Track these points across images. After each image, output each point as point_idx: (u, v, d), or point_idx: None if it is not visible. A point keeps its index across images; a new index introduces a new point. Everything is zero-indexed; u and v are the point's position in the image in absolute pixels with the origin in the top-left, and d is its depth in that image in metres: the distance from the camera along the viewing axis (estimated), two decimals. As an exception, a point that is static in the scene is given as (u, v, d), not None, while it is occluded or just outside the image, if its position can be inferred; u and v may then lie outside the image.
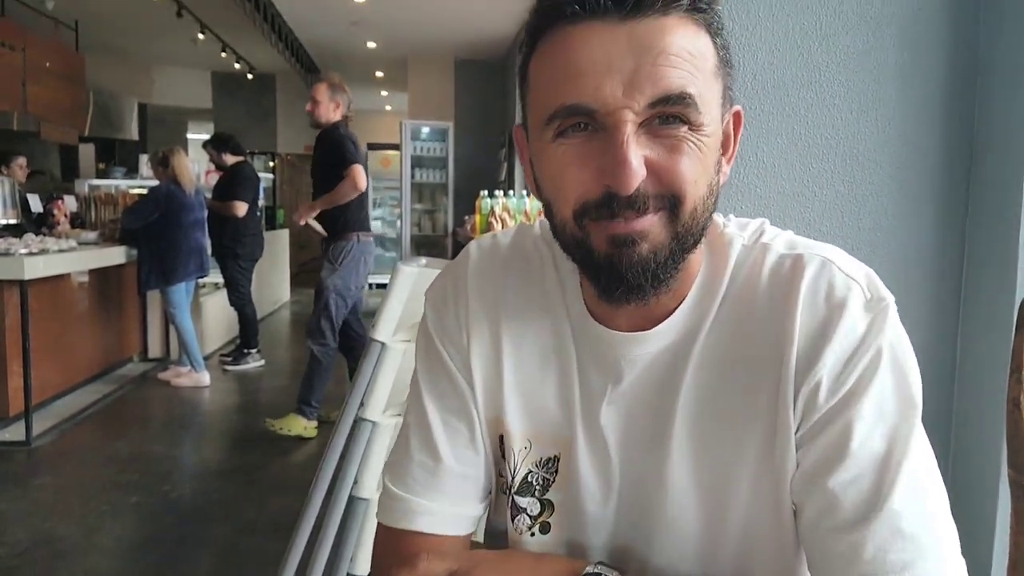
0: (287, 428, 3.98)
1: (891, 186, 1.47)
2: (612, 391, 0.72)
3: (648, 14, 0.59)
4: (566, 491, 0.75)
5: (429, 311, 0.80)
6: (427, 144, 7.92)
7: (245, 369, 5.63)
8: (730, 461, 0.69)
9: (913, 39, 1.44)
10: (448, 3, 6.02)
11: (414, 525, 0.75)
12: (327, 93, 3.89)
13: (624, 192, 0.59)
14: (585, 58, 0.60)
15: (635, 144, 0.59)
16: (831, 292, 0.66)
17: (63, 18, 7.49)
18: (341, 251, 3.99)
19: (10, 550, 2.66)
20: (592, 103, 0.60)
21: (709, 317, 0.70)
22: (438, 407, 0.77)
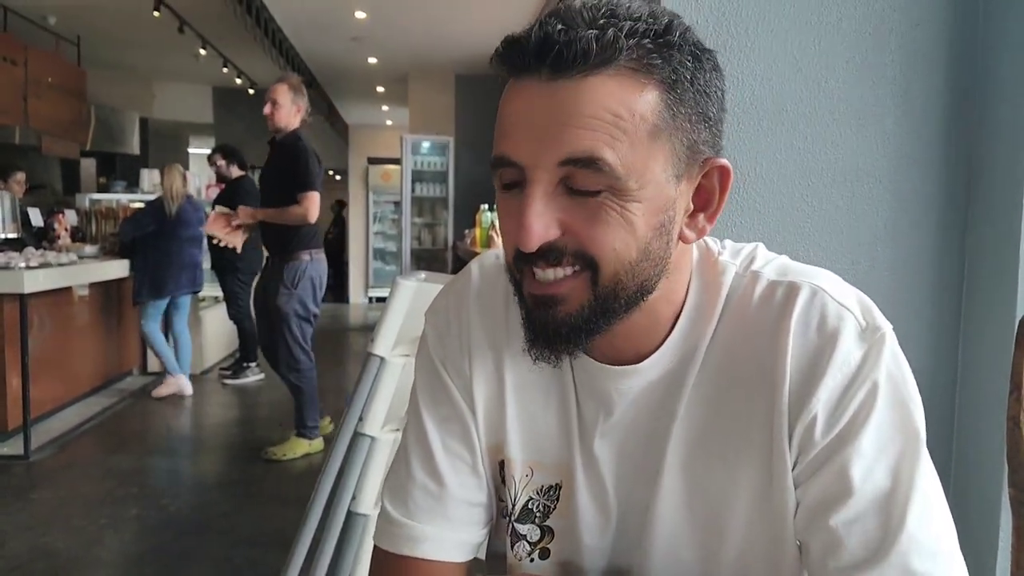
0: (292, 452, 3.88)
1: (890, 201, 1.47)
2: (604, 423, 0.71)
3: (571, 74, 0.58)
4: (566, 519, 0.74)
5: (430, 332, 0.79)
6: (427, 158, 7.94)
7: (244, 383, 5.62)
8: (723, 495, 0.68)
9: (912, 54, 1.45)
10: (448, 19, 6.06)
11: (417, 552, 0.74)
12: (289, 95, 3.65)
13: (525, 249, 0.60)
14: (512, 113, 0.61)
15: (543, 204, 0.59)
16: (823, 322, 0.64)
17: (65, 33, 7.52)
18: (295, 273, 3.74)
19: (8, 563, 2.64)
20: (512, 157, 0.60)
21: (701, 349, 0.69)
22: (440, 432, 0.76)
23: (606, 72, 0.58)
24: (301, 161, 3.59)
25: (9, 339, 3.84)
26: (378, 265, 11.20)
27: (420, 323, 1.46)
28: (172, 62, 9.00)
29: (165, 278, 4.94)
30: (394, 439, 1.45)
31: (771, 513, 0.66)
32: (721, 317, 0.69)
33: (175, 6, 6.57)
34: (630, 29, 0.58)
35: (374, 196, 11.19)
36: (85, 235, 5.86)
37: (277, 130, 3.65)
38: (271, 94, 3.64)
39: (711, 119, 0.62)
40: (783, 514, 0.66)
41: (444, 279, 1.53)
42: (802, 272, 0.69)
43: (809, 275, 0.68)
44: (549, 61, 0.58)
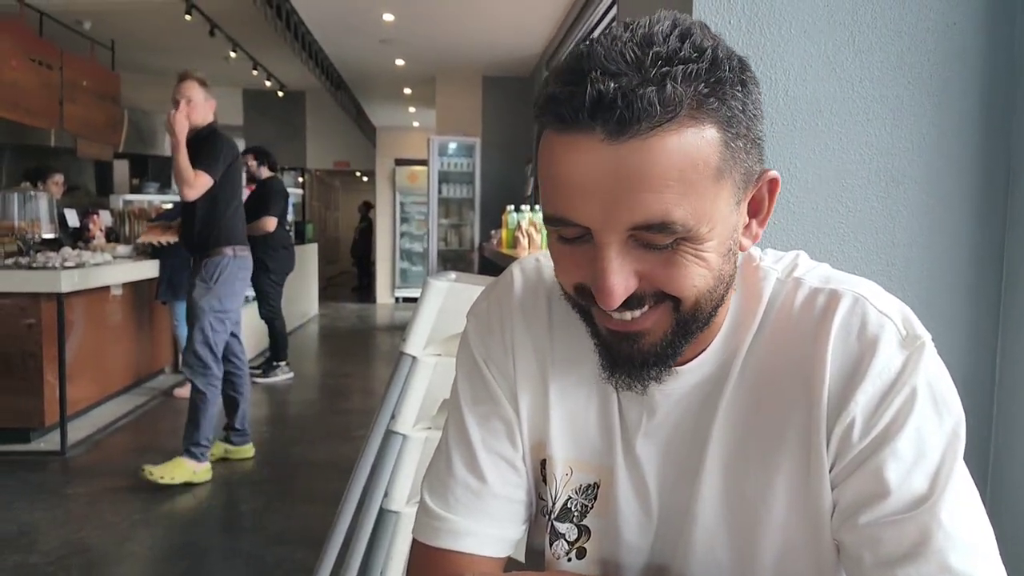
0: (170, 476, 3.43)
1: (926, 202, 1.46)
2: (648, 423, 0.72)
3: (633, 135, 0.55)
4: (604, 518, 0.75)
5: (472, 332, 0.80)
6: (454, 159, 7.97)
7: (275, 382, 5.68)
8: (760, 496, 0.68)
9: (948, 52, 1.43)
10: (475, 21, 6.08)
11: (457, 546, 0.75)
12: (201, 92, 3.53)
13: (608, 309, 0.61)
14: (566, 174, 0.58)
15: (619, 263, 0.59)
16: (863, 329, 0.65)
17: (100, 38, 7.66)
18: (215, 268, 3.55)
19: (45, 558, 2.70)
20: (574, 220, 0.59)
21: (742, 353, 0.70)
22: (482, 429, 0.77)
23: (668, 128, 0.55)
24: (208, 146, 3.47)
25: (47, 337, 3.92)
26: (405, 266, 11.27)
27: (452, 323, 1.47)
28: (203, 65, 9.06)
29: (183, 279, 4.99)
30: (426, 437, 1.46)
31: (809, 514, 0.67)
32: (762, 322, 0.70)
33: (206, 10, 6.67)
34: (684, 74, 0.55)
35: (401, 197, 11.26)
36: (119, 235, 5.96)
37: (193, 126, 3.47)
38: (183, 91, 3.48)
39: (760, 138, 0.63)
40: (820, 516, 0.66)
41: (475, 279, 1.54)
42: (844, 280, 0.70)
43: (851, 283, 0.69)
44: (608, 123, 0.55)
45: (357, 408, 5.17)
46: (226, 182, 3.56)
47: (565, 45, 6.10)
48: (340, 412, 5.08)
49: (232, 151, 3.58)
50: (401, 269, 11.25)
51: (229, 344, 3.74)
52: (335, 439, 4.30)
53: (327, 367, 6.36)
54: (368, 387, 5.84)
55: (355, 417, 4.83)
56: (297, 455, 4.03)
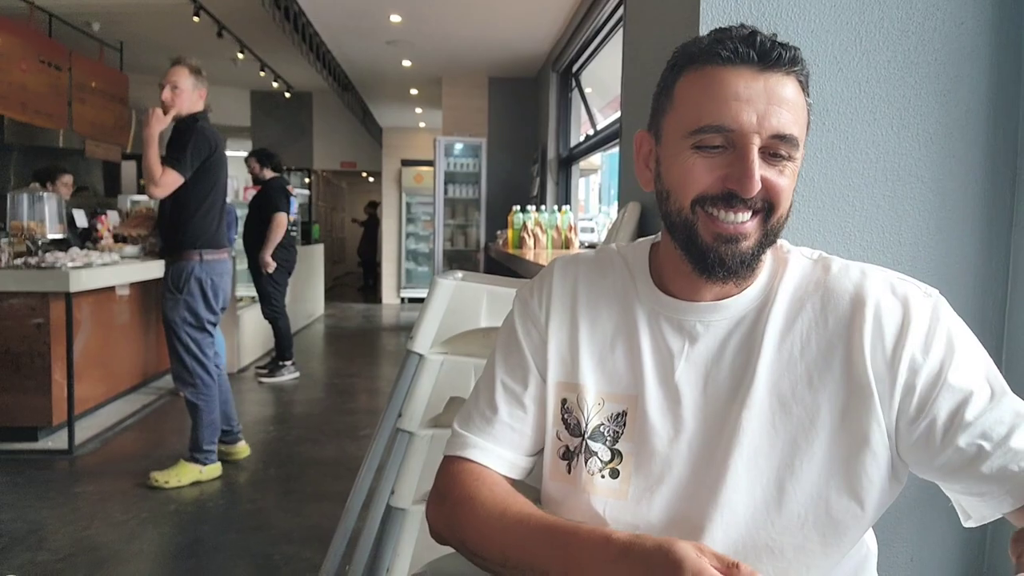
0: (177, 479, 3.43)
1: (933, 200, 1.46)
2: (689, 349, 0.89)
3: (778, 71, 0.80)
4: (633, 440, 0.89)
5: (517, 301, 1.01)
6: (460, 160, 7.98)
7: (280, 381, 5.70)
8: (808, 415, 0.82)
9: (955, 52, 1.43)
10: (482, 23, 6.09)
11: (468, 454, 0.94)
12: (190, 79, 3.34)
13: (747, 195, 0.80)
14: (731, 92, 0.80)
15: (757, 163, 0.80)
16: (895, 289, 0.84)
17: (108, 39, 7.70)
18: (180, 275, 3.36)
19: (53, 556, 2.71)
20: (732, 124, 0.80)
21: (775, 297, 0.87)
22: (503, 375, 0.97)
23: (793, 74, 0.82)
24: (180, 136, 3.28)
25: (55, 337, 3.94)
26: (411, 266, 11.28)
27: (458, 321, 1.48)
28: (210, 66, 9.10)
29: None
30: (432, 434, 1.47)
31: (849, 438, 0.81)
32: (795, 275, 0.89)
33: (214, 11, 6.70)
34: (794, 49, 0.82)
35: (407, 198, 11.27)
36: (126, 236, 5.99)
37: (179, 116, 3.32)
38: (170, 77, 3.30)
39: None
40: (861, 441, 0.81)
41: (481, 278, 1.55)
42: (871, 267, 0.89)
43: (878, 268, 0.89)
44: (766, 59, 0.80)
45: (363, 407, 5.18)
46: (199, 180, 3.31)
47: (571, 47, 6.10)
48: (347, 411, 5.09)
49: (209, 146, 3.32)
50: (407, 269, 11.26)
51: None
52: (342, 438, 4.31)
53: (333, 367, 6.37)
54: (374, 386, 5.85)
55: (362, 416, 4.84)
56: (304, 454, 4.04)
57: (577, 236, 4.93)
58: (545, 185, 6.90)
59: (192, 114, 3.35)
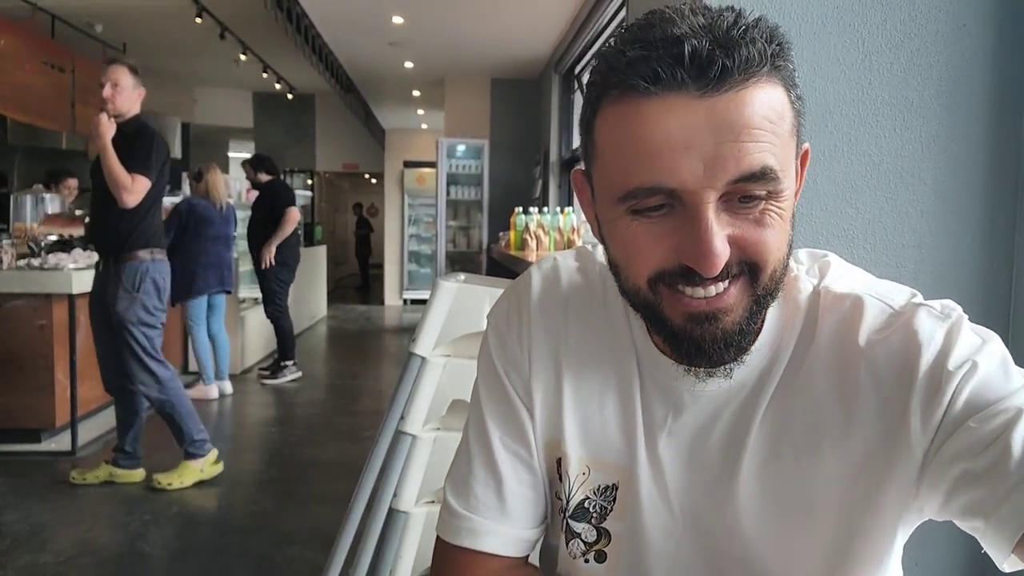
0: (179, 481, 3.43)
1: (935, 203, 1.46)
2: (673, 422, 0.72)
3: (729, 87, 0.56)
4: (626, 521, 0.74)
5: (492, 335, 0.81)
6: (462, 162, 7.99)
7: (282, 382, 5.70)
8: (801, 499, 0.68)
9: (958, 54, 1.43)
10: (484, 24, 6.09)
11: (477, 545, 0.76)
12: (131, 78, 3.25)
13: (708, 275, 0.59)
14: (662, 136, 0.57)
15: (717, 225, 0.58)
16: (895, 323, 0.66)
17: (111, 41, 7.71)
18: (134, 275, 3.29)
19: (55, 557, 2.72)
20: (670, 183, 0.58)
21: (782, 363, 0.69)
22: (500, 431, 0.78)
23: (756, 81, 0.57)
24: (139, 140, 3.21)
25: (58, 338, 3.95)
26: (413, 268, 11.29)
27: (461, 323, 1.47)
28: (213, 68, 9.18)
29: (194, 278, 5.01)
30: (435, 437, 1.47)
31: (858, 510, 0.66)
32: (802, 332, 0.70)
33: (216, 13, 6.71)
34: (761, 34, 0.58)
35: (409, 199, 11.28)
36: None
37: (118, 114, 3.23)
38: (110, 75, 3.21)
39: (803, 108, 0.64)
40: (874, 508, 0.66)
41: (483, 280, 1.55)
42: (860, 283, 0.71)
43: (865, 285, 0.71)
44: (705, 77, 0.56)
45: (366, 409, 5.19)
46: (154, 183, 3.29)
47: (573, 48, 6.11)
48: (349, 413, 5.09)
49: (166, 149, 3.34)
50: (409, 271, 11.26)
51: None
52: (344, 440, 4.31)
53: (336, 368, 6.38)
54: (377, 388, 5.85)
55: (364, 418, 4.84)
56: (306, 456, 4.04)
57: (581, 239, 4.93)
58: (547, 187, 6.90)
59: (136, 116, 3.29)
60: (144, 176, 3.19)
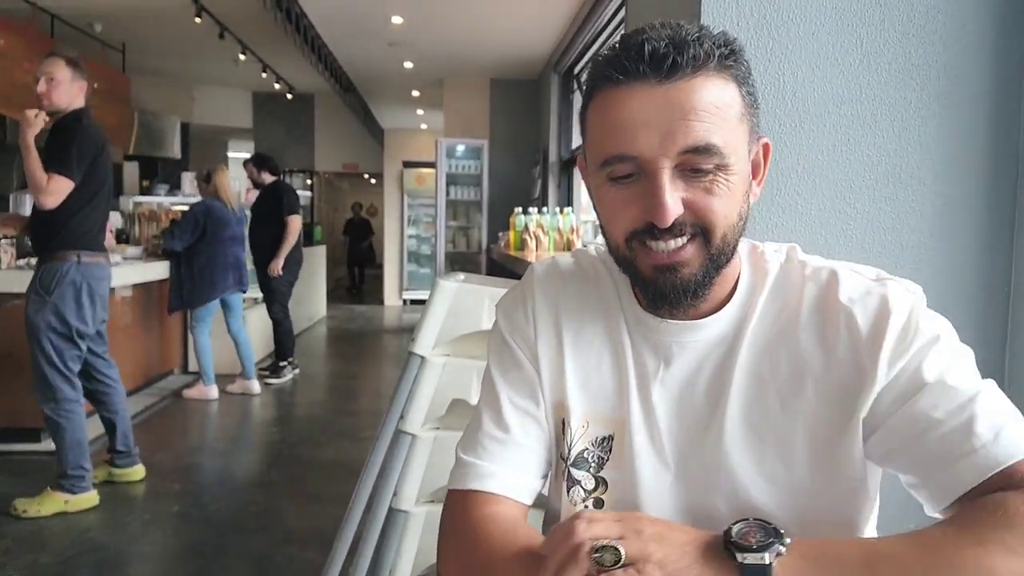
0: (35, 510, 3.05)
1: (935, 203, 1.46)
2: (664, 372, 0.83)
3: (680, 77, 0.72)
4: (619, 469, 0.83)
5: (501, 316, 0.93)
6: (462, 162, 7.99)
7: (284, 382, 5.73)
8: (783, 440, 0.78)
9: (957, 54, 1.43)
10: (483, 24, 6.10)
11: (483, 486, 0.83)
12: (68, 71, 3.03)
13: (662, 225, 0.73)
14: (626, 116, 0.73)
15: (671, 187, 0.73)
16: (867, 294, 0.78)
17: (110, 41, 7.72)
18: (52, 276, 3.01)
19: (56, 557, 2.72)
20: (632, 152, 0.73)
21: (754, 315, 0.81)
22: (508, 391, 0.88)
23: (705, 74, 0.73)
24: (63, 138, 2.97)
25: (57, 338, 3.94)
26: (412, 268, 11.29)
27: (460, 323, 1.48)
28: (212, 68, 9.18)
29: (212, 280, 5.00)
30: (434, 437, 1.47)
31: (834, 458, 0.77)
32: (772, 291, 0.82)
33: (216, 13, 6.72)
34: (711, 39, 0.74)
35: (409, 199, 11.28)
36: (129, 237, 6.00)
37: (55, 110, 3.02)
38: (45, 68, 3.01)
39: (758, 107, 0.80)
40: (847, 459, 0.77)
41: (483, 280, 1.55)
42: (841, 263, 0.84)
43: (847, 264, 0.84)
44: (661, 69, 0.71)
45: (365, 409, 5.19)
46: (84, 183, 3.02)
47: (573, 48, 6.11)
48: (349, 413, 5.09)
49: (95, 146, 3.05)
50: (408, 271, 11.27)
51: (91, 362, 3.29)
52: (344, 440, 4.31)
53: (335, 368, 6.38)
54: (376, 388, 5.86)
55: (364, 418, 4.84)
56: (306, 455, 4.04)
57: (580, 238, 4.93)
58: (547, 187, 6.90)
59: (74, 111, 3.05)
60: (63, 175, 2.92)
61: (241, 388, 5.25)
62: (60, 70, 3.01)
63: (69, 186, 2.95)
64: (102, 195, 3.14)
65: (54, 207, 2.94)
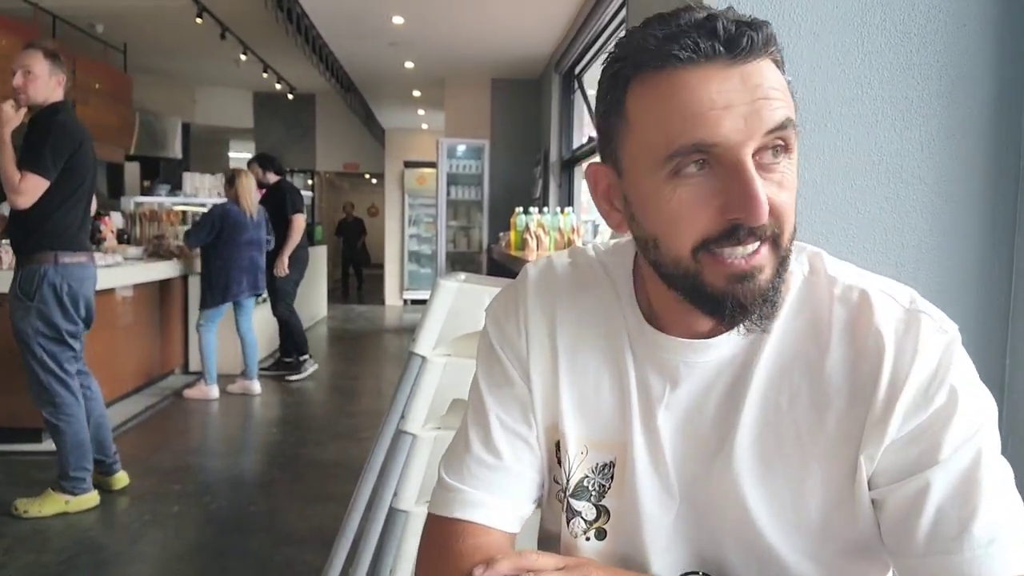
0: (39, 509, 3.04)
1: (936, 202, 1.46)
2: (670, 395, 0.75)
3: (752, 58, 0.65)
4: (622, 497, 0.77)
5: (491, 324, 0.85)
6: (463, 162, 7.99)
7: (306, 377, 5.79)
8: (796, 476, 0.71)
9: (959, 54, 1.43)
10: (484, 24, 6.09)
11: (469, 515, 0.77)
12: (45, 64, 2.91)
13: (757, 223, 0.64)
14: (704, 99, 0.64)
15: (759, 179, 0.64)
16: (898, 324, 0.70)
17: (112, 41, 7.72)
18: (30, 280, 2.91)
19: (56, 557, 2.72)
20: (714, 138, 0.64)
21: (771, 335, 0.73)
22: (498, 409, 0.81)
23: (770, 55, 0.67)
24: (37, 135, 2.86)
25: (58, 338, 3.94)
26: (413, 268, 11.29)
27: (461, 323, 1.48)
28: (213, 68, 9.19)
29: (228, 282, 5.03)
30: (435, 437, 1.47)
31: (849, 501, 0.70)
32: (794, 309, 0.74)
33: (217, 13, 6.72)
34: (762, 23, 0.67)
35: (410, 199, 11.28)
36: (130, 237, 6.01)
37: (32, 104, 2.91)
38: (22, 61, 2.90)
39: None
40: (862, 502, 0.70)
41: (484, 280, 1.55)
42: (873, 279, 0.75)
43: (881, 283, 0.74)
44: (735, 49, 0.64)
45: (366, 409, 5.19)
46: (62, 179, 2.91)
47: (574, 48, 6.11)
48: (349, 413, 5.09)
49: (72, 141, 2.93)
50: (409, 271, 11.27)
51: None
52: (345, 440, 4.32)
53: (336, 368, 6.38)
54: (377, 388, 5.85)
55: (364, 418, 4.84)
56: (307, 455, 4.04)
57: (580, 238, 4.93)
58: (548, 187, 6.90)
59: (52, 105, 2.94)
60: (36, 174, 2.81)
61: (242, 388, 5.26)
62: (38, 63, 2.90)
63: (43, 184, 2.83)
64: (81, 192, 3.03)
65: (27, 206, 2.83)
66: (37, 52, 2.92)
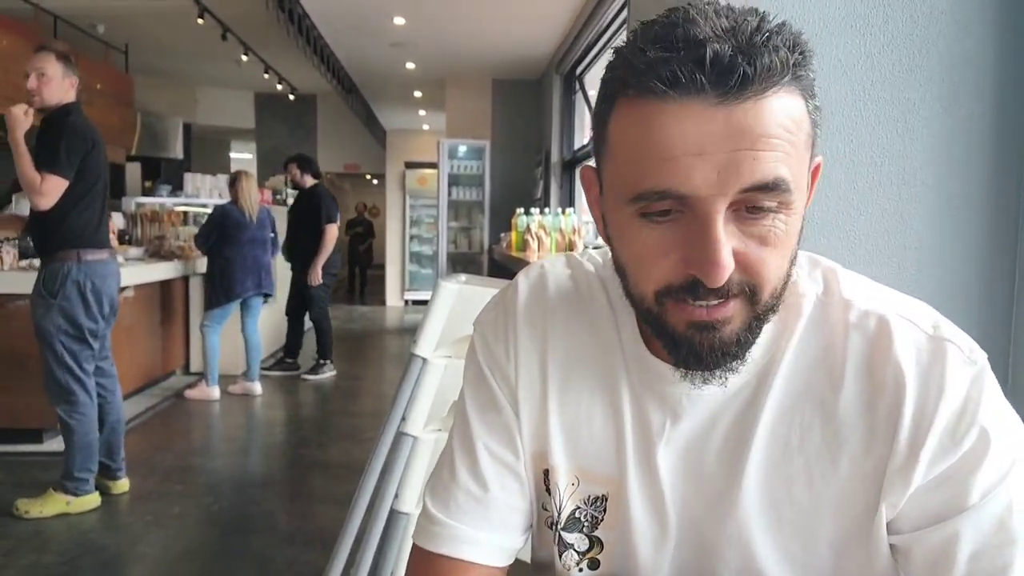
0: (41, 510, 3.06)
1: (938, 205, 1.45)
2: (671, 430, 0.69)
3: (746, 96, 0.55)
4: (616, 531, 0.73)
5: (479, 342, 0.79)
6: (464, 162, 7.99)
7: (322, 379, 5.87)
8: (807, 515, 0.67)
9: (960, 56, 1.43)
10: (485, 25, 6.10)
11: (456, 552, 0.74)
12: (59, 66, 2.97)
13: (712, 286, 0.58)
14: (677, 141, 0.56)
15: (724, 237, 0.57)
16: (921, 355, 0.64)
17: (113, 41, 7.73)
18: (54, 279, 2.98)
19: (58, 558, 2.72)
20: (682, 189, 0.56)
21: (782, 365, 0.67)
22: (486, 438, 0.76)
23: (776, 89, 0.56)
24: (52, 136, 2.91)
25: (59, 339, 3.94)
26: (414, 268, 11.29)
27: (462, 325, 1.48)
28: (215, 69, 9.19)
29: (231, 282, 5.05)
30: (436, 438, 1.47)
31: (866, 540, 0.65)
32: (804, 337, 0.68)
33: (218, 13, 6.72)
34: (784, 42, 0.56)
35: (411, 200, 11.28)
36: (131, 238, 6.01)
37: (45, 107, 2.97)
38: (35, 64, 2.94)
39: (820, 119, 0.62)
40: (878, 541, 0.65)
41: (484, 281, 1.55)
42: (891, 301, 0.68)
43: (900, 306, 0.68)
44: (726, 84, 0.55)
45: (367, 410, 5.19)
46: (77, 179, 2.96)
47: (575, 49, 6.11)
48: (350, 414, 5.10)
49: (85, 141, 2.97)
50: (410, 272, 11.27)
51: (100, 366, 3.24)
52: (346, 441, 4.32)
53: (337, 369, 6.36)
54: (378, 389, 5.85)
55: (365, 419, 4.84)
56: (308, 456, 4.05)
57: (582, 239, 4.93)
58: (549, 188, 6.90)
59: (64, 106, 2.99)
60: (56, 174, 2.87)
61: (243, 389, 5.27)
62: (51, 65, 2.95)
63: (63, 184, 2.89)
64: (96, 191, 3.08)
65: (49, 207, 2.90)
66: (50, 55, 2.97)
